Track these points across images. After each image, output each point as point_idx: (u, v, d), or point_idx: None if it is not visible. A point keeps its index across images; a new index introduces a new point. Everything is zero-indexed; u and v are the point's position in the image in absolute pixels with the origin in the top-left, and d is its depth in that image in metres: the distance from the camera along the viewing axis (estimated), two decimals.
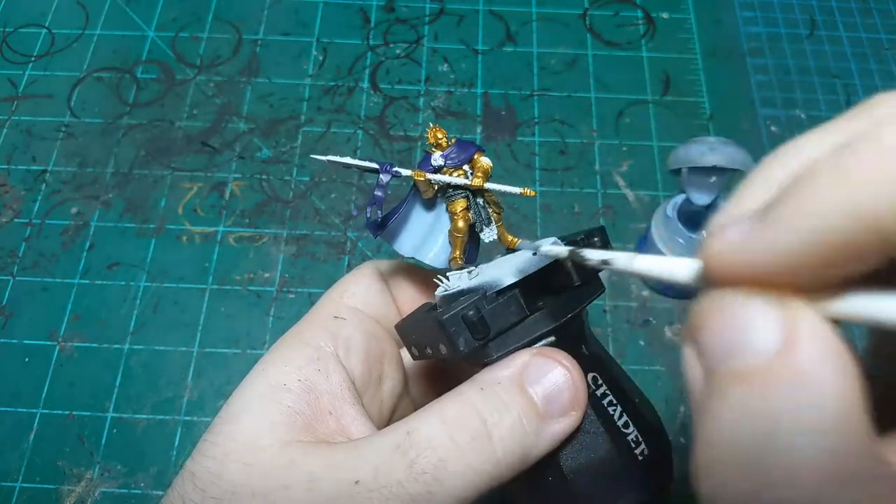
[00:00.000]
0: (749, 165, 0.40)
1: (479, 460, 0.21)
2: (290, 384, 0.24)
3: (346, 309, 0.28)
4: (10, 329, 0.45)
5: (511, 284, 0.24)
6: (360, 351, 0.27)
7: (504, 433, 0.22)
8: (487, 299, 0.23)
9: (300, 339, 0.26)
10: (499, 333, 0.24)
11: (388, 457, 0.21)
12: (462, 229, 0.27)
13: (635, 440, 0.24)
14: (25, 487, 0.40)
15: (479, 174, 0.27)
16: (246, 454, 0.22)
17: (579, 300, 0.25)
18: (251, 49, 0.58)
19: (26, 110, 0.55)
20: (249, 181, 0.51)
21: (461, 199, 0.27)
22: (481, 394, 0.22)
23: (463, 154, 0.27)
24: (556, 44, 0.59)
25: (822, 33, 0.60)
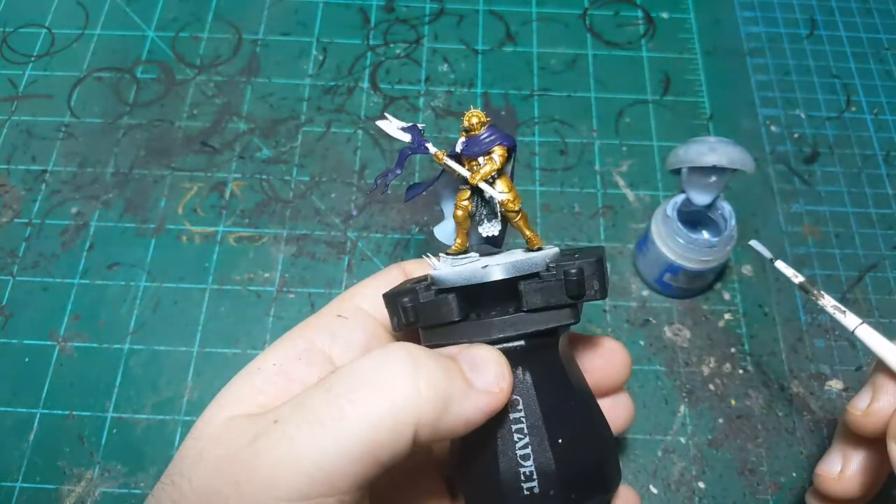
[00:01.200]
0: (749, 165, 0.40)
1: (399, 389, 0.21)
2: (265, 367, 0.25)
3: (352, 309, 0.28)
4: (9, 329, 0.45)
5: (452, 287, 0.24)
6: (358, 349, 0.27)
7: (429, 374, 0.22)
8: (425, 294, 0.24)
9: (297, 334, 0.27)
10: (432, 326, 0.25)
11: (312, 391, 0.22)
12: (458, 217, 0.27)
13: (527, 475, 0.24)
14: (25, 487, 0.40)
15: (479, 171, 0.26)
16: (197, 431, 0.23)
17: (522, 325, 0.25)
18: (251, 49, 0.58)
19: (26, 110, 0.55)
20: (249, 181, 0.51)
21: (466, 190, 0.27)
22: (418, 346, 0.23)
23: (481, 145, 0.26)
24: (556, 44, 0.59)
25: (822, 33, 0.60)
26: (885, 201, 0.51)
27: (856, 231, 0.50)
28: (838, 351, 0.45)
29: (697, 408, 0.43)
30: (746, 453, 0.42)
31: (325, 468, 0.20)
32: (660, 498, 0.41)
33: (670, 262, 0.44)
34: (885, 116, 0.56)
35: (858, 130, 0.55)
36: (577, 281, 0.24)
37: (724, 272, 0.48)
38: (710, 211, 0.44)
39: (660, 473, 0.41)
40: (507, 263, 0.24)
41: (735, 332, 0.46)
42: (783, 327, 0.46)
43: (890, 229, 0.50)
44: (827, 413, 0.43)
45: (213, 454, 0.22)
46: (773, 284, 0.48)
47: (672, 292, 0.47)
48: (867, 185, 0.52)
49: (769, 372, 0.45)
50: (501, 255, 0.28)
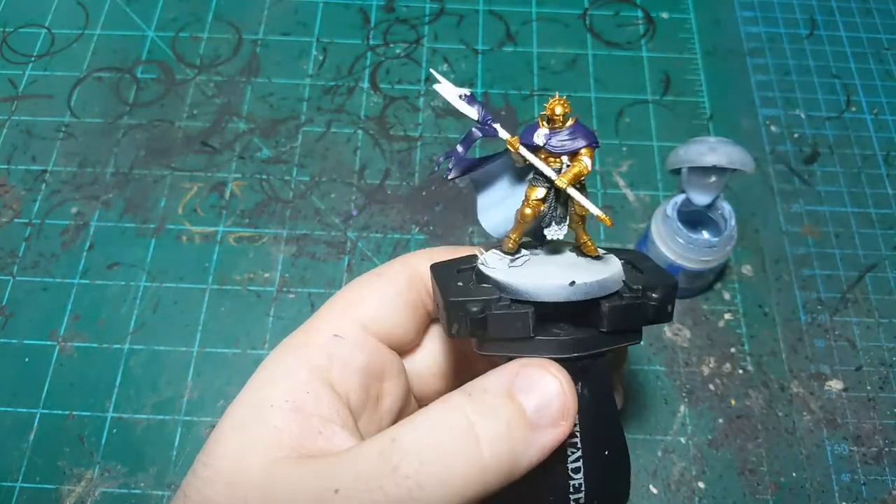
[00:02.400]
0: (749, 165, 0.40)
1: (465, 465, 0.20)
2: (278, 404, 0.23)
3: (349, 324, 0.26)
4: (9, 329, 0.45)
5: (531, 301, 0.23)
6: (357, 372, 0.26)
7: (492, 437, 0.21)
8: (499, 304, 0.23)
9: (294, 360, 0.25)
10: (496, 339, 0.23)
11: (371, 463, 0.21)
12: (527, 217, 0.25)
13: (576, 487, 0.24)
14: (25, 487, 0.40)
15: (569, 173, 0.24)
16: (231, 474, 0.22)
17: (594, 344, 0.24)
18: (251, 49, 0.58)
19: (26, 110, 0.55)
20: (249, 181, 0.51)
21: (541, 188, 0.24)
22: (469, 399, 0.22)
23: (569, 143, 0.24)
24: (556, 44, 0.59)
25: (822, 33, 0.60)
26: (884, 201, 0.51)
27: (856, 231, 0.50)
28: (838, 351, 0.45)
29: (697, 408, 0.43)
30: (746, 453, 0.42)
31: None
32: (660, 498, 0.41)
33: (670, 262, 0.44)
34: (885, 116, 0.56)
35: (858, 130, 0.55)
36: (659, 307, 0.23)
37: (724, 272, 0.48)
38: (710, 211, 0.44)
39: (660, 473, 0.41)
40: (593, 283, 0.23)
41: (735, 332, 0.46)
42: (783, 327, 0.46)
43: (890, 229, 0.50)
44: (827, 413, 0.43)
45: None
46: (773, 284, 0.48)
47: None
48: (867, 185, 0.52)
49: (769, 372, 0.45)
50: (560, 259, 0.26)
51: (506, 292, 0.23)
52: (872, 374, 0.45)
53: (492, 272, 0.24)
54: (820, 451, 0.42)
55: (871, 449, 0.42)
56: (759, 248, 0.49)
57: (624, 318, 0.23)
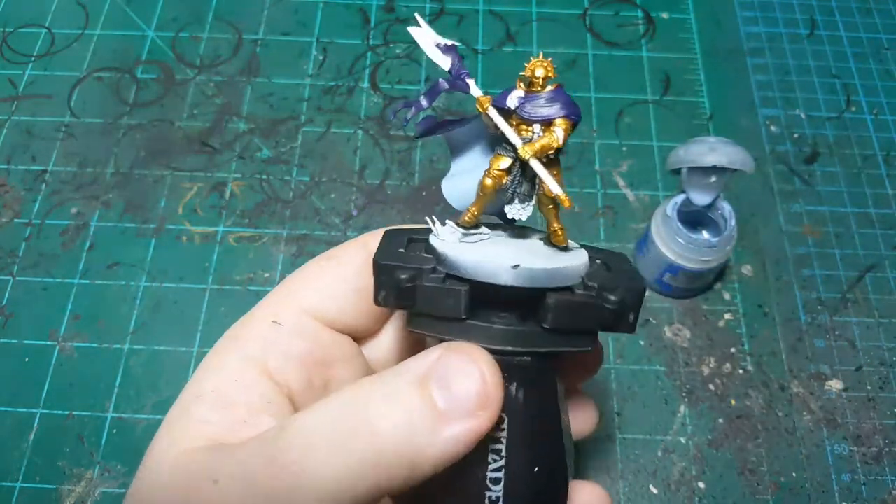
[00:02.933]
0: (749, 165, 0.40)
1: (357, 454, 0.18)
2: (204, 395, 0.23)
3: (291, 311, 0.25)
4: (9, 329, 0.45)
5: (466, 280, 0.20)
6: (297, 359, 0.24)
7: (391, 423, 0.19)
8: (432, 277, 0.21)
9: (229, 349, 0.24)
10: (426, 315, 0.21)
11: (252, 452, 0.19)
12: (487, 188, 0.22)
13: (493, 500, 0.21)
14: (25, 487, 0.40)
15: (536, 144, 0.21)
16: (152, 469, 0.22)
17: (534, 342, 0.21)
18: (251, 49, 0.58)
19: (26, 110, 0.55)
20: (249, 181, 0.51)
21: (507, 158, 0.22)
22: (376, 381, 0.20)
23: (543, 110, 0.21)
24: (556, 44, 0.59)
25: (822, 33, 0.60)
26: (884, 201, 0.51)
27: (856, 231, 0.50)
28: (838, 351, 0.45)
29: (697, 408, 0.43)
30: (746, 453, 0.42)
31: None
32: (660, 498, 0.41)
33: (670, 263, 0.44)
34: (885, 116, 0.56)
35: (858, 130, 0.55)
36: (616, 312, 0.21)
37: (724, 272, 0.48)
38: (710, 211, 0.44)
39: (660, 473, 0.41)
40: (539, 270, 0.20)
41: (735, 332, 0.46)
42: (783, 327, 0.46)
43: (890, 229, 0.50)
44: (827, 413, 0.43)
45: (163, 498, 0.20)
46: (773, 284, 0.48)
47: (672, 292, 0.47)
48: (867, 185, 0.52)
49: (769, 372, 0.45)
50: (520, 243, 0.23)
51: (443, 265, 0.21)
52: (872, 374, 0.45)
53: (437, 243, 0.22)
54: (820, 451, 0.42)
55: (871, 449, 0.42)
56: (759, 248, 0.49)
57: (571, 317, 0.21)
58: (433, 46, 0.22)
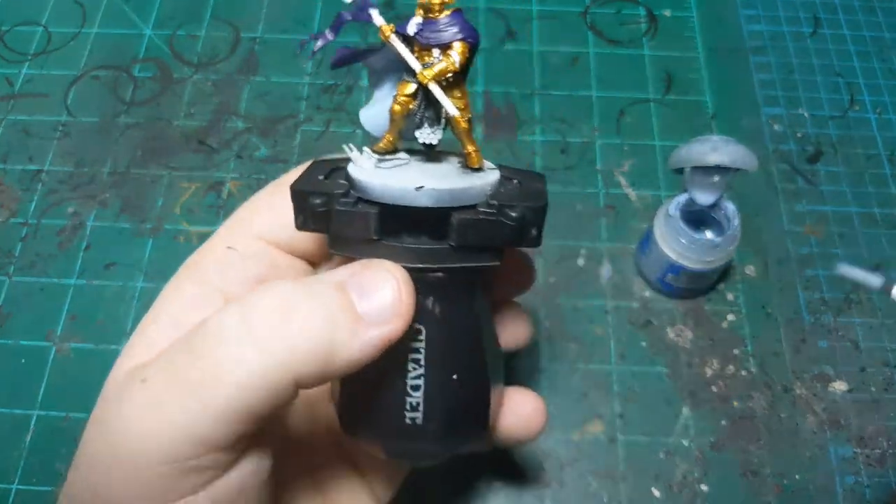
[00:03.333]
0: (752, 164, 0.40)
1: (272, 345, 0.19)
2: (159, 320, 0.24)
3: (244, 236, 0.26)
4: (6, 330, 0.45)
5: (379, 203, 0.21)
6: (253, 282, 0.25)
7: (309, 318, 0.19)
8: (344, 201, 0.22)
9: (185, 276, 0.25)
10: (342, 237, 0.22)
11: (176, 346, 0.20)
12: (395, 114, 0.23)
13: (413, 405, 0.23)
14: (21, 490, 0.40)
15: (433, 68, 0.22)
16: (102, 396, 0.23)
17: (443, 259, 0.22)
18: (249, 47, 0.57)
19: (22, 109, 0.54)
20: (247, 180, 0.51)
21: (412, 84, 0.22)
22: (294, 283, 0.21)
23: (442, 35, 0.22)
24: (557, 42, 0.58)
25: (826, 31, 0.59)
26: (889, 201, 0.51)
27: (859, 231, 0.50)
28: (841, 352, 0.45)
29: (700, 410, 0.43)
30: (749, 455, 0.42)
31: (198, 432, 0.19)
32: (662, 501, 0.40)
33: (672, 263, 0.43)
34: (889, 115, 0.55)
35: (862, 129, 0.54)
36: (516, 227, 0.22)
37: (727, 272, 0.48)
38: (713, 210, 0.44)
39: (662, 476, 0.41)
40: (443, 190, 0.21)
41: (738, 333, 0.46)
42: (786, 328, 0.46)
43: (894, 229, 0.50)
44: (830, 415, 0.43)
45: (97, 417, 0.21)
46: (776, 285, 0.47)
47: (674, 293, 0.46)
48: (871, 185, 0.52)
49: (772, 373, 0.44)
50: (435, 167, 0.24)
51: (355, 190, 0.22)
52: (876, 376, 0.44)
53: (353, 170, 0.23)
54: (823, 453, 0.42)
55: (875, 451, 0.42)
56: (762, 248, 0.49)
57: (475, 234, 0.22)
58: None
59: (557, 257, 0.48)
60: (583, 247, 0.49)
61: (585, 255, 0.48)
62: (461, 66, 0.22)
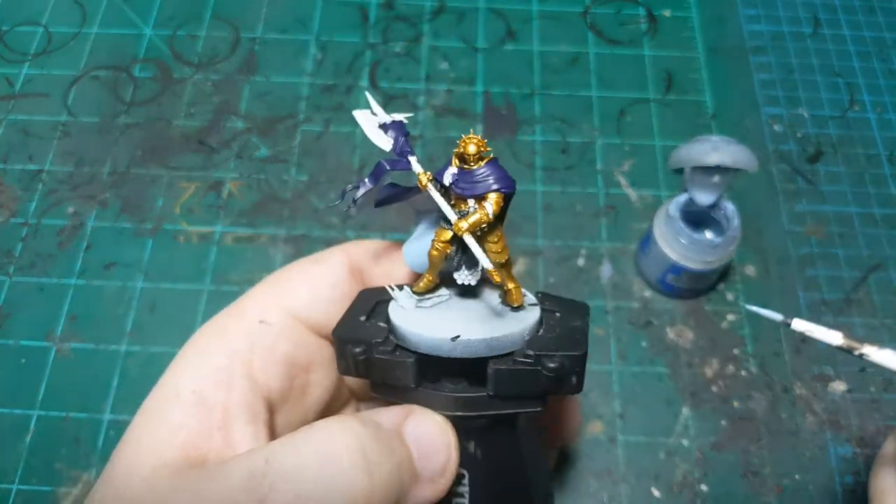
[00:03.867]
0: (752, 165, 0.40)
1: (350, 500, 0.18)
2: (183, 395, 0.22)
3: (278, 310, 0.24)
4: (6, 330, 0.45)
5: (412, 350, 0.22)
6: (281, 361, 0.24)
7: (384, 476, 0.19)
8: (382, 349, 0.22)
9: (214, 342, 0.24)
10: (381, 383, 0.22)
11: (237, 487, 0.18)
12: (433, 258, 0.23)
13: None
14: (21, 490, 0.40)
15: (469, 219, 0.22)
16: (121, 480, 0.20)
17: (483, 406, 0.22)
18: (249, 47, 0.57)
19: (23, 109, 0.54)
20: (247, 181, 0.51)
21: (447, 232, 0.23)
22: (364, 428, 0.20)
23: (477, 186, 0.22)
24: (558, 42, 0.58)
25: (826, 31, 0.59)
26: (888, 201, 0.51)
27: (859, 231, 0.50)
28: (841, 353, 0.45)
29: (700, 410, 0.43)
30: (749, 455, 0.42)
31: None
32: (662, 501, 0.40)
33: (673, 263, 0.43)
34: (889, 115, 0.55)
35: (862, 129, 0.54)
36: (555, 378, 0.21)
37: (727, 272, 0.48)
38: (713, 211, 0.44)
39: (662, 476, 0.41)
40: (478, 340, 0.21)
41: (738, 333, 0.46)
42: (786, 328, 0.46)
43: (894, 229, 0.50)
44: (830, 415, 0.43)
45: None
46: (776, 285, 0.47)
47: (674, 293, 0.46)
48: (871, 185, 0.52)
49: (772, 373, 0.44)
50: (475, 305, 0.24)
51: (394, 336, 0.22)
52: (876, 376, 0.44)
53: (393, 311, 0.23)
54: (823, 453, 0.42)
55: (875, 451, 0.42)
56: (762, 248, 0.49)
57: (512, 384, 0.21)
58: (375, 129, 0.23)
59: (557, 257, 0.48)
60: (583, 247, 0.49)
61: (585, 256, 0.48)
62: (495, 215, 0.22)
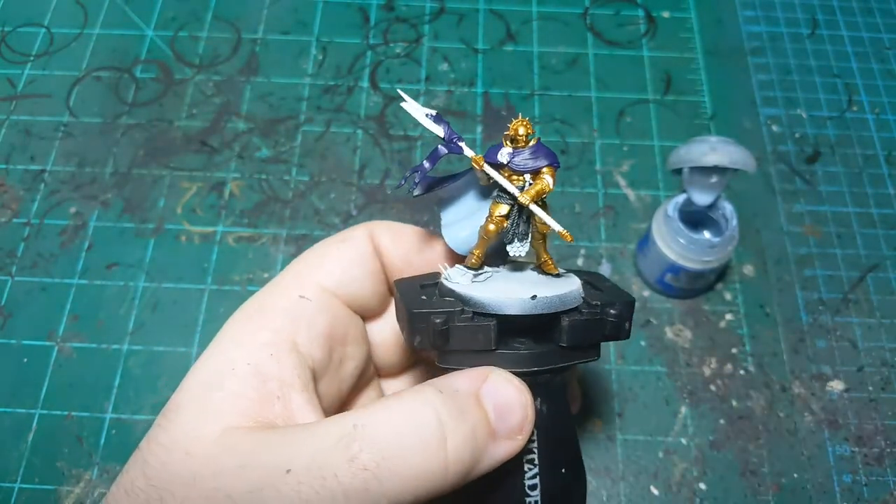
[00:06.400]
0: (750, 165, 0.40)
1: (427, 464, 0.20)
2: (238, 368, 0.23)
3: (314, 286, 0.26)
4: (8, 329, 0.45)
5: (493, 314, 0.23)
6: (322, 335, 0.25)
7: (458, 441, 0.21)
8: (462, 317, 0.23)
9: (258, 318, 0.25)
10: (458, 351, 0.24)
11: (329, 447, 0.20)
12: (490, 233, 0.25)
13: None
14: (24, 488, 0.40)
15: (531, 190, 0.24)
16: (188, 443, 0.21)
17: (554, 360, 0.24)
18: (250, 48, 0.58)
19: (25, 110, 0.54)
20: (248, 181, 0.51)
21: (504, 205, 0.25)
22: (440, 396, 0.22)
23: (531, 162, 0.24)
24: (557, 43, 0.58)
25: (824, 33, 0.60)
26: (886, 201, 0.51)
27: (857, 231, 0.50)
28: (839, 352, 0.45)
29: (699, 409, 0.43)
30: (748, 454, 0.42)
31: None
32: (661, 499, 0.40)
33: (671, 263, 0.43)
34: (887, 116, 0.55)
35: (860, 130, 0.55)
36: (617, 324, 0.24)
37: (726, 272, 0.48)
38: (712, 211, 0.44)
39: (661, 475, 0.41)
40: (554, 297, 0.24)
41: (736, 332, 0.46)
42: (784, 328, 0.46)
43: (892, 229, 0.50)
44: (828, 414, 0.43)
45: (210, 484, 0.20)
46: (774, 285, 0.48)
47: (673, 293, 0.47)
48: (869, 185, 0.52)
49: (770, 373, 0.44)
50: (521, 276, 0.26)
51: (469, 305, 0.24)
52: (874, 375, 0.44)
53: (455, 286, 0.25)
54: (821, 451, 0.42)
55: (873, 450, 0.42)
56: (760, 248, 0.49)
57: (584, 334, 0.24)
58: (424, 117, 0.25)
59: (557, 257, 0.48)
60: (582, 247, 0.49)
61: (585, 255, 0.49)
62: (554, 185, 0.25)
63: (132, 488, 0.21)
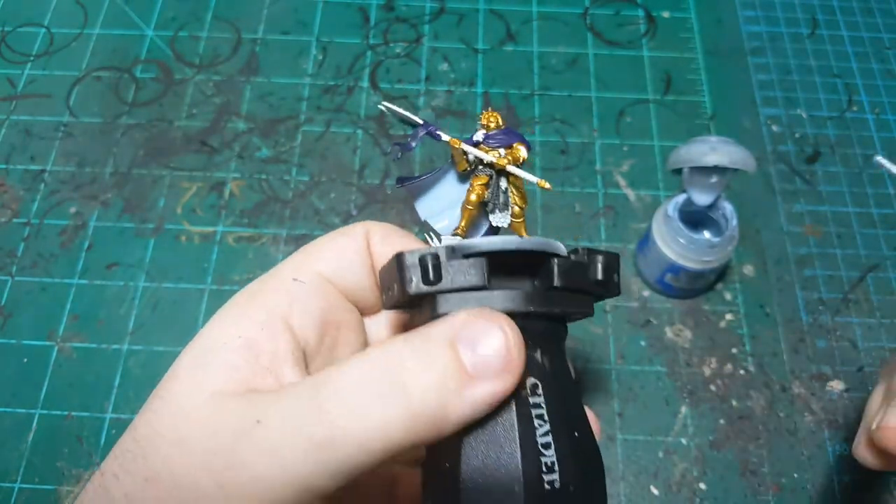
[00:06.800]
0: (750, 165, 0.40)
1: (390, 410, 0.20)
2: (230, 342, 0.24)
3: (310, 272, 0.27)
4: (8, 329, 0.45)
5: (482, 250, 0.23)
6: (315, 316, 0.26)
7: (422, 384, 0.20)
8: (453, 255, 0.23)
9: (253, 300, 0.26)
10: (454, 290, 0.23)
11: (299, 399, 0.21)
12: (473, 202, 0.27)
13: (549, 465, 0.22)
14: (24, 488, 0.40)
15: (507, 156, 0.27)
16: (179, 408, 0.22)
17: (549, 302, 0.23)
18: (250, 48, 0.58)
19: (25, 110, 0.54)
20: (248, 181, 0.51)
21: (484, 176, 0.27)
22: (405, 344, 0.21)
23: (505, 139, 0.27)
24: (557, 43, 0.58)
25: (824, 33, 0.60)
26: (886, 201, 0.51)
27: (857, 231, 0.50)
28: (839, 352, 0.45)
29: (699, 409, 0.43)
30: (748, 454, 0.42)
31: (311, 484, 0.20)
32: (661, 499, 0.40)
33: (671, 263, 0.43)
34: (887, 116, 0.55)
35: (860, 130, 0.55)
36: (606, 267, 0.24)
37: (726, 272, 0.48)
38: (712, 211, 0.44)
39: (661, 475, 0.41)
40: (540, 238, 0.24)
41: (736, 332, 0.46)
42: (784, 328, 0.46)
43: (892, 229, 0.50)
44: (828, 414, 0.43)
45: (199, 445, 0.21)
46: (774, 285, 0.48)
47: (673, 292, 0.47)
48: (869, 185, 0.52)
49: (770, 372, 0.44)
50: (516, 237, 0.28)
51: (457, 250, 0.23)
52: (874, 375, 0.44)
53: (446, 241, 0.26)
54: (821, 451, 0.42)
55: None
56: (760, 248, 0.49)
57: (574, 275, 0.24)
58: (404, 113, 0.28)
59: None
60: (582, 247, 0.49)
61: None
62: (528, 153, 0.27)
63: (121, 452, 0.22)
